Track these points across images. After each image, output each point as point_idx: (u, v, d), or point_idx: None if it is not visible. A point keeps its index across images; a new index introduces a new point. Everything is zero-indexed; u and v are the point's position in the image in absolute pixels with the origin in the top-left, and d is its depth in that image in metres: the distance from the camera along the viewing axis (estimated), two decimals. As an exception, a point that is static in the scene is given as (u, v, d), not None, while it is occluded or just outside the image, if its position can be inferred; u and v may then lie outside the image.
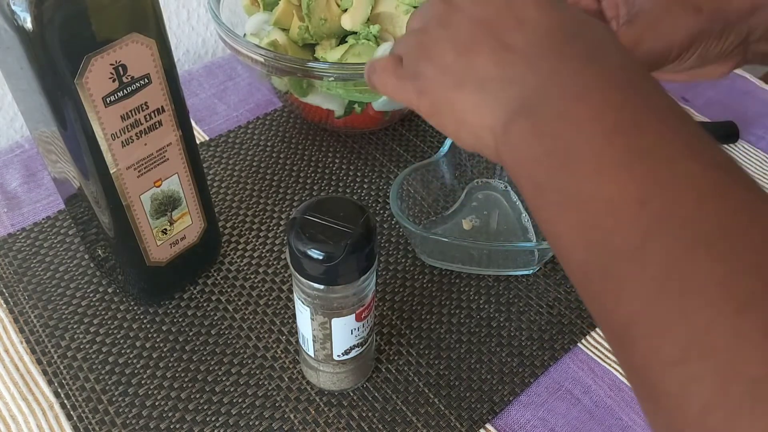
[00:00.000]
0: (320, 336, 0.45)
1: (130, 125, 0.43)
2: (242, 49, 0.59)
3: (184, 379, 0.50)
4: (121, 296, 0.55)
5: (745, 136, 0.69)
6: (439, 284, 0.56)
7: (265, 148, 0.67)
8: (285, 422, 0.48)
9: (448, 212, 0.61)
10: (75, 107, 0.40)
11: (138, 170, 0.45)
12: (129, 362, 0.51)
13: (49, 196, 0.62)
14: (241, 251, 0.58)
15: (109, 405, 0.48)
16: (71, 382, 0.49)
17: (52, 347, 0.51)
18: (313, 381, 0.49)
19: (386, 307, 0.55)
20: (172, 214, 0.49)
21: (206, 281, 0.56)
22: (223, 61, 0.77)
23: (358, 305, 0.43)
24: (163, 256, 0.51)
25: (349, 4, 0.62)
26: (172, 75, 0.44)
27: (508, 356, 0.52)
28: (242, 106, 0.72)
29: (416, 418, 0.48)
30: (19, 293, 0.55)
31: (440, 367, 0.51)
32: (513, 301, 0.55)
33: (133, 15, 0.40)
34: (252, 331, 0.53)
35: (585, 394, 0.50)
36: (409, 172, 0.58)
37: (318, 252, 0.39)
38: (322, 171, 0.65)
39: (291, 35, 0.64)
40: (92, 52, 0.39)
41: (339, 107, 0.64)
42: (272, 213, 0.61)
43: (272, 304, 0.54)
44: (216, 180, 0.64)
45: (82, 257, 0.57)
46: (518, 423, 0.48)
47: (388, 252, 0.58)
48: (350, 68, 0.57)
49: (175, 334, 0.52)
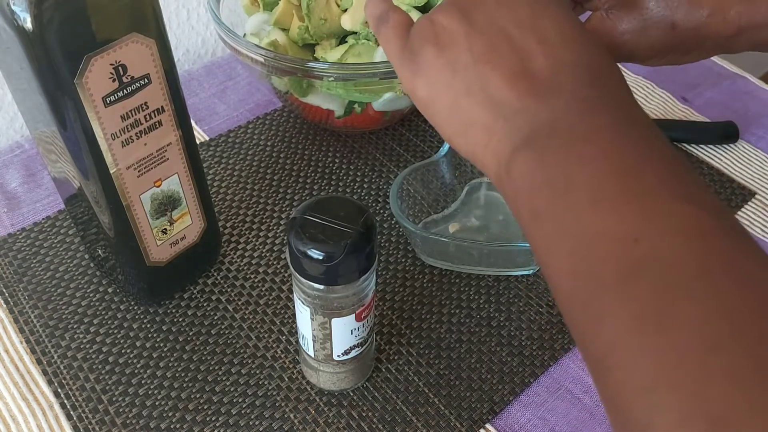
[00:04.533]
0: (320, 336, 0.45)
1: (130, 125, 0.43)
2: (242, 49, 0.59)
3: (184, 379, 0.50)
4: (121, 296, 0.55)
5: (745, 136, 0.69)
6: (439, 284, 0.56)
7: (265, 148, 0.67)
8: (285, 422, 0.48)
9: (448, 212, 0.61)
10: (75, 107, 0.40)
11: (138, 170, 0.45)
12: (129, 362, 0.51)
13: (49, 196, 0.62)
14: (241, 251, 0.58)
15: (109, 405, 0.48)
16: (71, 382, 0.49)
17: (52, 347, 0.51)
18: (313, 381, 0.49)
19: (386, 307, 0.55)
20: (172, 214, 0.49)
21: (206, 281, 0.56)
22: (223, 61, 0.77)
23: (358, 305, 0.43)
24: (163, 256, 0.51)
25: (349, 4, 0.62)
26: (172, 75, 0.44)
27: (508, 356, 0.52)
28: (242, 106, 0.72)
29: (416, 418, 0.48)
30: (19, 293, 0.55)
31: (440, 367, 0.51)
32: (513, 301, 0.55)
33: (133, 15, 0.40)
34: (252, 331, 0.53)
35: (585, 393, 0.50)
36: (409, 172, 0.58)
37: (318, 252, 0.39)
38: (322, 171, 0.65)
39: (291, 35, 0.64)
40: (92, 52, 0.39)
41: (339, 107, 0.64)
42: (272, 213, 0.61)
43: (272, 304, 0.54)
44: (216, 180, 0.64)
45: (82, 257, 0.57)
46: (518, 423, 0.48)
47: (388, 252, 0.58)
48: (350, 68, 0.57)
49: (175, 334, 0.52)
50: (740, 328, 0.22)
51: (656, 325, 0.23)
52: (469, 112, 0.31)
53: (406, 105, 0.65)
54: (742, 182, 0.65)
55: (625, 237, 0.25)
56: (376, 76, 0.57)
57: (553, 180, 0.28)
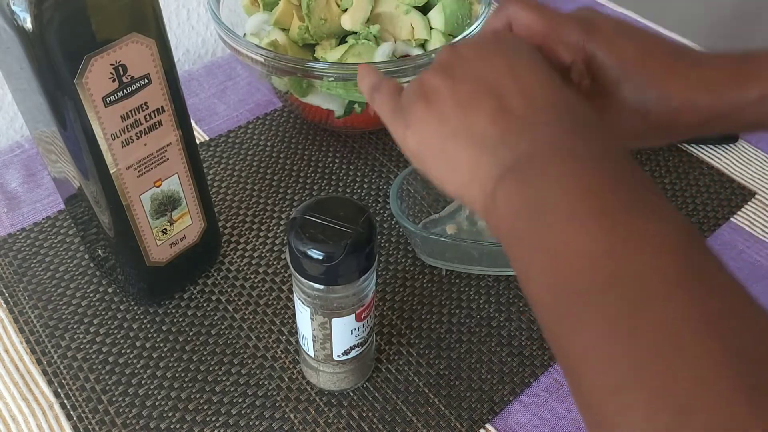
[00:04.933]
0: (320, 336, 0.45)
1: (130, 125, 0.43)
2: (242, 49, 0.59)
3: (184, 379, 0.50)
4: (121, 296, 0.55)
5: (745, 136, 0.69)
6: (439, 284, 0.56)
7: (265, 148, 0.67)
8: (285, 422, 0.48)
9: (448, 212, 0.61)
10: (75, 107, 0.40)
11: (138, 170, 0.45)
12: (129, 362, 0.51)
13: (49, 196, 0.62)
14: (241, 251, 0.58)
15: (109, 405, 0.48)
16: (71, 382, 0.49)
17: (52, 347, 0.51)
18: (313, 381, 0.49)
19: (386, 307, 0.55)
20: (172, 214, 0.49)
21: (206, 281, 0.56)
22: (223, 61, 0.77)
23: (358, 305, 0.43)
24: (163, 256, 0.51)
25: (349, 4, 0.62)
26: (172, 75, 0.44)
27: (508, 356, 0.52)
28: (242, 106, 0.72)
29: (416, 418, 0.48)
30: (19, 293, 0.55)
31: (440, 367, 0.51)
32: (513, 301, 0.55)
33: (133, 15, 0.40)
34: (252, 331, 0.53)
35: (585, 394, 0.50)
36: (409, 172, 0.58)
37: (318, 252, 0.39)
38: (322, 171, 0.65)
39: (291, 35, 0.64)
40: (92, 52, 0.39)
41: (339, 107, 0.64)
42: (272, 213, 0.61)
43: (272, 304, 0.54)
44: (216, 180, 0.64)
45: (82, 257, 0.57)
46: (518, 423, 0.48)
47: (388, 252, 0.58)
48: (350, 68, 0.57)
49: (175, 334, 0.52)
50: (703, 330, 0.25)
51: (627, 331, 0.26)
52: (456, 153, 0.34)
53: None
54: (742, 182, 0.65)
55: (598, 252, 0.28)
56: (376, 76, 0.57)
57: (532, 201, 0.31)
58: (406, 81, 0.61)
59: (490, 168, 0.33)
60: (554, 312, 0.29)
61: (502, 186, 0.32)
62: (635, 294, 0.26)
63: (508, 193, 0.32)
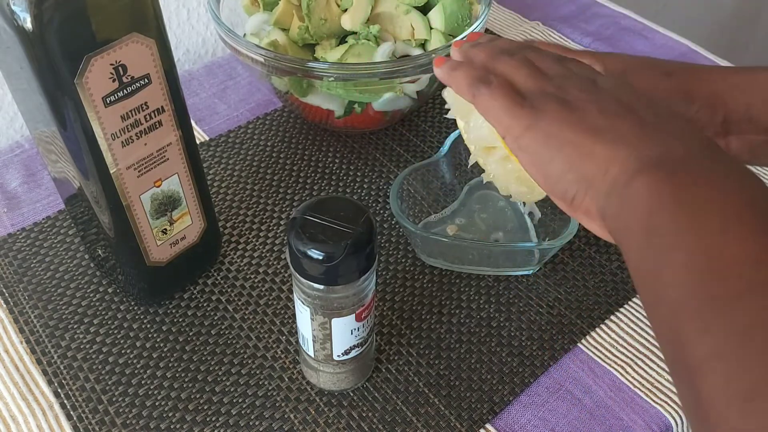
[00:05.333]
0: (320, 336, 0.45)
1: (130, 125, 0.43)
2: (242, 49, 0.59)
3: (184, 379, 0.50)
4: (121, 296, 0.55)
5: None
6: (439, 284, 0.56)
7: (265, 148, 0.67)
8: (285, 422, 0.48)
9: (448, 212, 0.61)
10: (75, 107, 0.40)
11: (138, 170, 0.45)
12: (129, 362, 0.51)
13: (49, 196, 0.62)
14: (241, 251, 0.58)
15: (109, 405, 0.48)
16: (71, 382, 0.49)
17: (52, 347, 0.51)
18: (313, 381, 0.49)
19: (386, 307, 0.55)
20: (172, 214, 0.49)
21: (206, 281, 0.56)
22: (223, 61, 0.78)
23: (358, 305, 0.43)
24: (163, 256, 0.51)
25: (349, 4, 0.62)
26: (172, 75, 0.44)
27: (508, 356, 0.52)
28: (242, 106, 0.72)
29: (416, 418, 0.48)
30: (19, 293, 0.55)
31: (440, 367, 0.51)
32: (513, 301, 0.55)
33: (133, 15, 0.40)
34: (252, 331, 0.53)
35: (585, 394, 0.50)
36: (409, 172, 0.58)
37: (318, 252, 0.39)
38: (322, 171, 0.65)
39: (291, 35, 0.64)
40: (92, 52, 0.39)
41: (339, 107, 0.64)
42: (272, 213, 0.61)
43: (272, 304, 0.54)
44: (216, 180, 0.64)
45: (82, 257, 0.57)
46: (518, 423, 0.48)
47: (388, 252, 0.58)
48: (350, 68, 0.57)
49: (175, 334, 0.52)
50: None
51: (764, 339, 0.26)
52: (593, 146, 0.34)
53: (406, 105, 0.65)
54: None
55: (748, 261, 0.28)
56: (376, 76, 0.57)
57: (684, 200, 0.31)
58: (406, 81, 0.61)
59: (627, 160, 0.33)
60: (683, 308, 0.29)
61: (640, 178, 0.32)
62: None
63: (649, 187, 0.32)
